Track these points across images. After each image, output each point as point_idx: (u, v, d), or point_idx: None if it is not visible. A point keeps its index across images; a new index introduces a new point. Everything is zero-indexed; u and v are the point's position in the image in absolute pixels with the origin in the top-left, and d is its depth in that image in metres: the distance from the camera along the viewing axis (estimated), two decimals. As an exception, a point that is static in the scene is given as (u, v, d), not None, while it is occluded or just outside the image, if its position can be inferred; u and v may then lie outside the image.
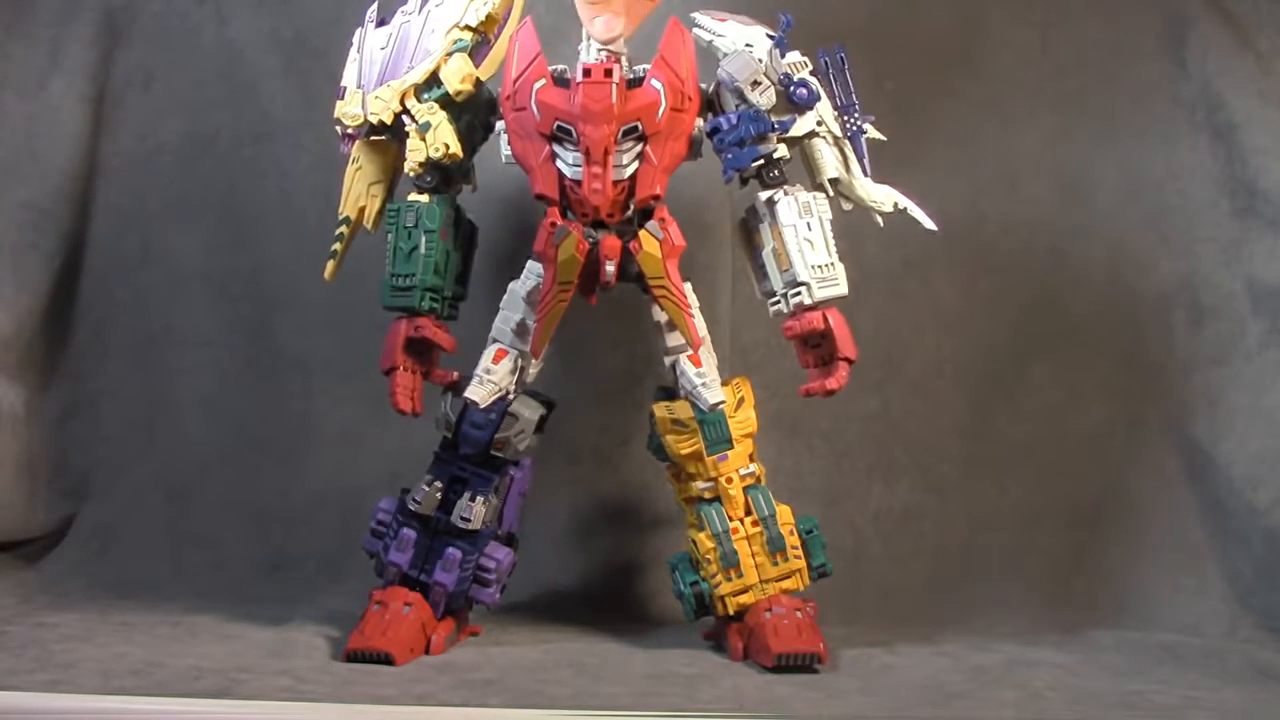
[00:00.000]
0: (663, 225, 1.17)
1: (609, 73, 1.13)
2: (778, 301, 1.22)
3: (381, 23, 1.25)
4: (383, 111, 1.20)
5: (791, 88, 1.20)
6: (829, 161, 1.22)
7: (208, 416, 1.53)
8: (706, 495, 1.22)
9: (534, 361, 1.21)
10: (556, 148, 1.16)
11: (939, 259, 1.47)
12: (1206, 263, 1.47)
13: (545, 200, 1.17)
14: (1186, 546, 1.42)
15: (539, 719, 1.00)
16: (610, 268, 1.16)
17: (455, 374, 1.23)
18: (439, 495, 1.21)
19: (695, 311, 1.21)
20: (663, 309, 1.19)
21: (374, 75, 1.22)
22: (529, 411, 1.21)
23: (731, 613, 1.21)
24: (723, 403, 1.21)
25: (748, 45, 1.22)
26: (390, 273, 1.20)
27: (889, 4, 1.48)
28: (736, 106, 1.20)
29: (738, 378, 1.25)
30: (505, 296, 1.23)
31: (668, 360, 1.23)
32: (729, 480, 1.21)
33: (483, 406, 1.20)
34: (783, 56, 1.21)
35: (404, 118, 1.20)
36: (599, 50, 1.16)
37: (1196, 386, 1.46)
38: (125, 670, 1.05)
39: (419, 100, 1.20)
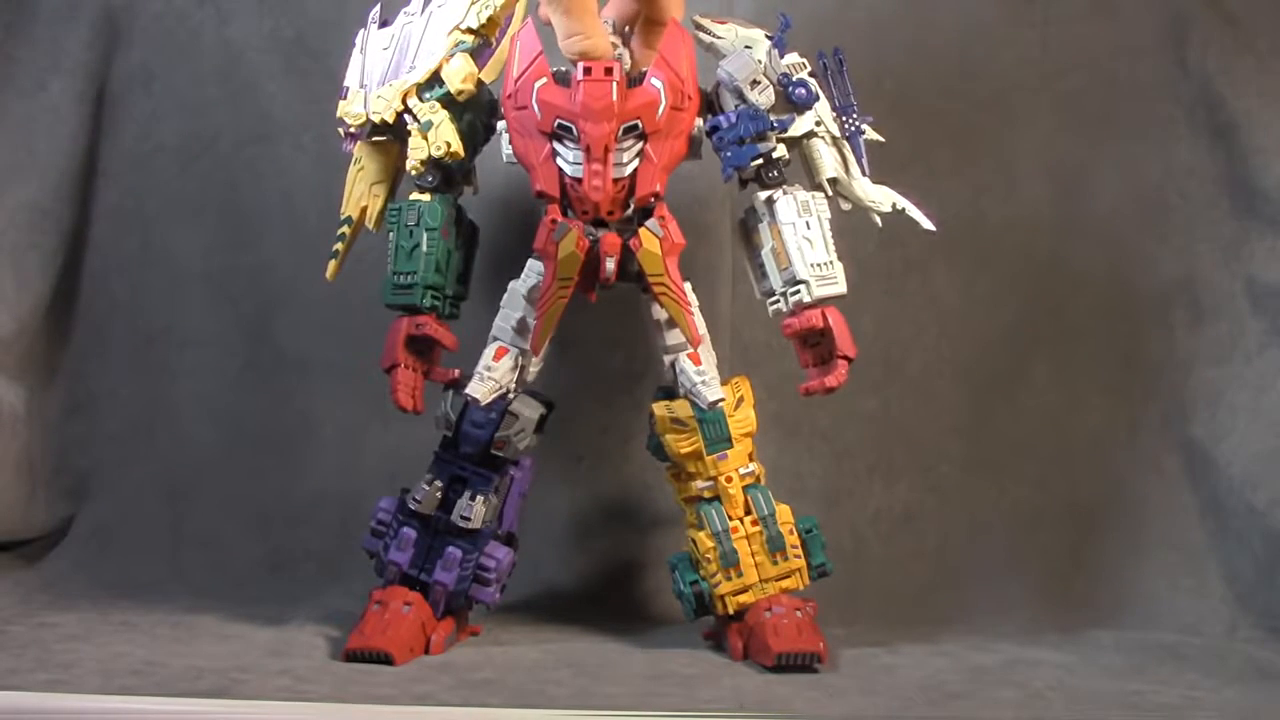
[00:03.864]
0: (663, 223, 1.17)
1: (609, 71, 1.13)
2: (777, 300, 1.22)
3: (384, 24, 1.25)
4: (385, 110, 1.20)
5: (790, 87, 1.20)
6: (828, 161, 1.22)
7: (208, 416, 1.53)
8: (706, 494, 1.22)
9: (534, 359, 1.21)
10: (557, 146, 1.16)
11: (939, 259, 1.48)
12: (1206, 263, 1.47)
13: (546, 198, 1.18)
14: (1186, 546, 1.42)
15: (539, 719, 1.00)
16: (610, 265, 1.16)
17: (456, 372, 1.23)
18: (439, 494, 1.21)
19: (695, 310, 1.21)
20: (662, 306, 1.19)
21: (376, 75, 1.22)
22: (529, 411, 1.21)
23: (731, 612, 1.21)
24: (722, 400, 1.21)
25: (747, 46, 1.22)
26: (392, 271, 1.21)
27: (889, 4, 1.48)
28: (736, 106, 1.21)
29: (737, 377, 1.25)
30: (505, 295, 1.23)
31: (667, 359, 1.23)
32: (728, 479, 1.21)
33: (483, 404, 1.20)
34: (781, 57, 1.21)
35: (406, 117, 1.20)
36: None
37: (1196, 386, 1.46)
38: (125, 670, 1.05)
39: (421, 99, 1.20)
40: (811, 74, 1.22)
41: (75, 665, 1.06)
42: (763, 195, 1.23)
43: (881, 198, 1.24)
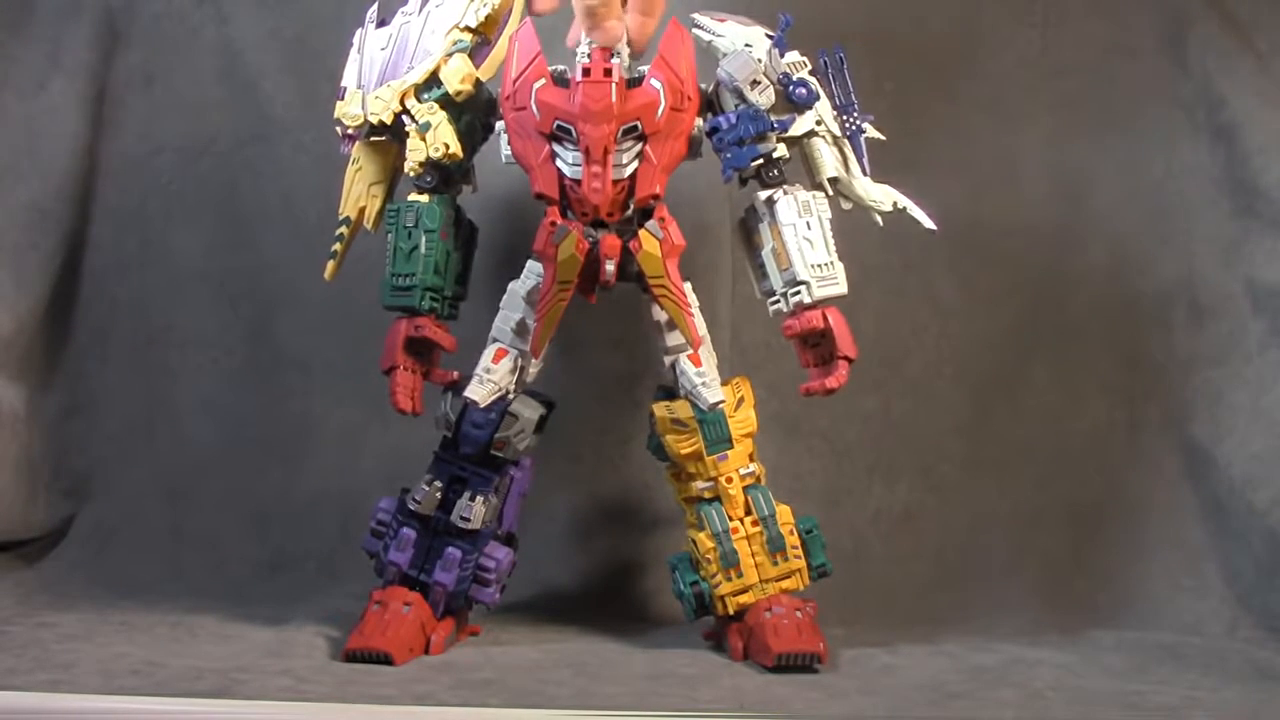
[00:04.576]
0: (662, 224, 1.17)
1: (609, 72, 1.13)
2: (777, 301, 1.22)
3: (382, 23, 1.25)
4: (383, 112, 1.20)
5: (791, 87, 1.20)
6: (828, 161, 1.22)
7: (208, 417, 1.53)
8: (706, 495, 1.22)
9: (534, 361, 1.21)
10: (556, 147, 1.16)
11: (939, 259, 1.48)
12: (1206, 263, 1.47)
13: (545, 199, 1.17)
14: (1186, 546, 1.42)
15: (539, 719, 1.00)
16: (610, 267, 1.16)
17: (455, 373, 1.23)
18: (439, 495, 1.21)
19: (695, 311, 1.21)
20: (662, 308, 1.19)
21: (374, 76, 1.22)
22: (529, 411, 1.21)
23: (731, 612, 1.21)
24: (722, 402, 1.21)
25: (747, 45, 1.22)
26: (391, 272, 1.21)
27: (889, 4, 1.48)
28: (736, 106, 1.21)
29: (738, 377, 1.25)
30: (505, 296, 1.23)
31: (667, 360, 1.23)
32: (729, 480, 1.21)
33: (483, 406, 1.20)
34: (782, 56, 1.21)
35: (404, 118, 1.20)
36: (590, 43, 1.15)
37: (1196, 386, 1.46)
38: (125, 670, 1.05)
39: (419, 100, 1.20)
40: (812, 72, 1.22)
41: (75, 665, 1.06)
42: (763, 195, 1.22)
43: (882, 197, 1.23)
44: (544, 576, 1.43)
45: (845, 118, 1.23)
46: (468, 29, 1.21)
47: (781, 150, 1.22)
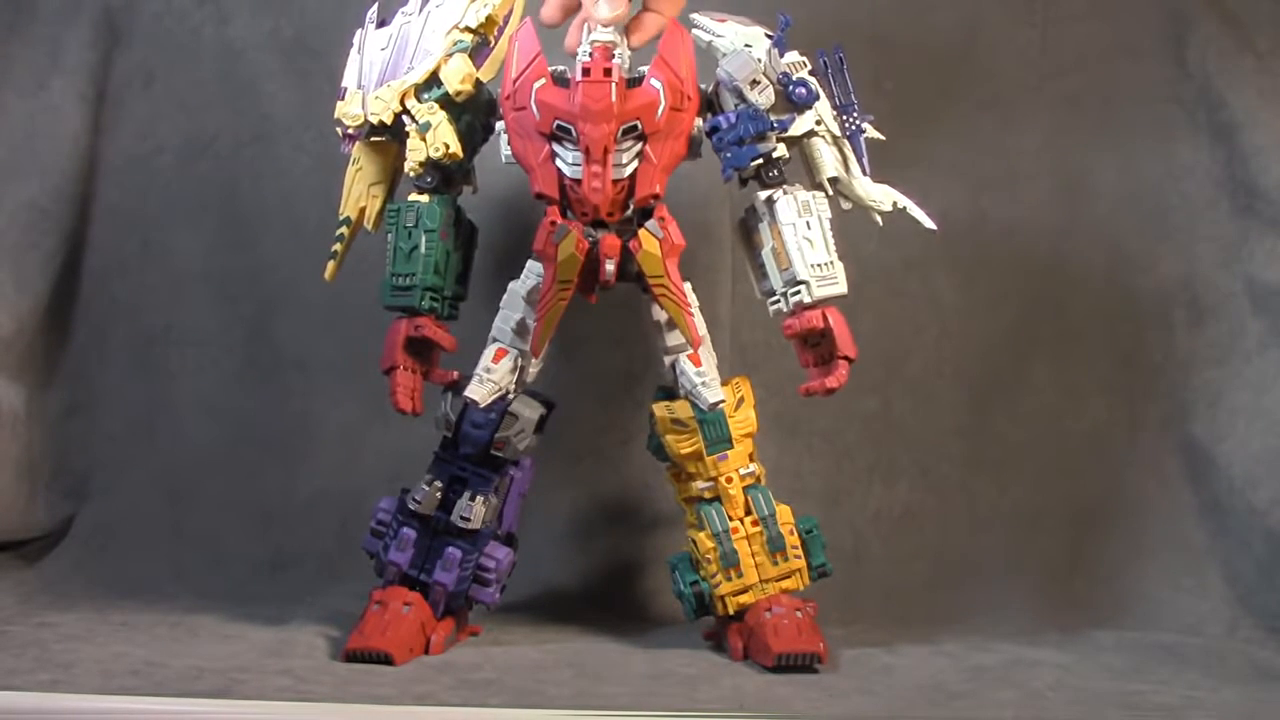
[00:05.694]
0: (662, 224, 1.17)
1: (608, 72, 1.13)
2: (777, 300, 1.22)
3: (382, 23, 1.25)
4: (383, 112, 1.20)
5: (790, 87, 1.20)
6: (828, 161, 1.22)
7: (208, 416, 1.53)
8: (706, 495, 1.22)
9: (534, 361, 1.21)
10: (556, 147, 1.16)
11: (939, 259, 1.48)
12: (1206, 263, 1.47)
13: (545, 199, 1.17)
14: (1186, 546, 1.42)
15: (539, 719, 1.00)
16: (610, 266, 1.16)
17: (455, 373, 1.23)
18: (439, 495, 1.21)
19: (695, 311, 1.21)
20: (662, 308, 1.19)
21: (374, 76, 1.22)
22: (529, 411, 1.21)
23: (731, 612, 1.21)
24: (722, 402, 1.21)
25: (747, 45, 1.22)
26: (391, 272, 1.21)
27: (889, 4, 1.48)
28: (735, 106, 1.21)
29: (738, 377, 1.25)
30: (505, 296, 1.23)
31: (667, 360, 1.23)
32: (729, 480, 1.21)
33: (483, 406, 1.20)
34: (781, 56, 1.21)
35: (404, 118, 1.20)
36: (592, 42, 1.16)
37: (1196, 386, 1.46)
38: (125, 670, 1.05)
39: (419, 100, 1.20)
40: (811, 72, 1.22)
41: (75, 665, 1.06)
42: (763, 195, 1.22)
43: (882, 197, 1.23)
44: (544, 576, 1.43)
45: (845, 118, 1.23)
46: (468, 29, 1.21)
47: (781, 150, 1.21)
